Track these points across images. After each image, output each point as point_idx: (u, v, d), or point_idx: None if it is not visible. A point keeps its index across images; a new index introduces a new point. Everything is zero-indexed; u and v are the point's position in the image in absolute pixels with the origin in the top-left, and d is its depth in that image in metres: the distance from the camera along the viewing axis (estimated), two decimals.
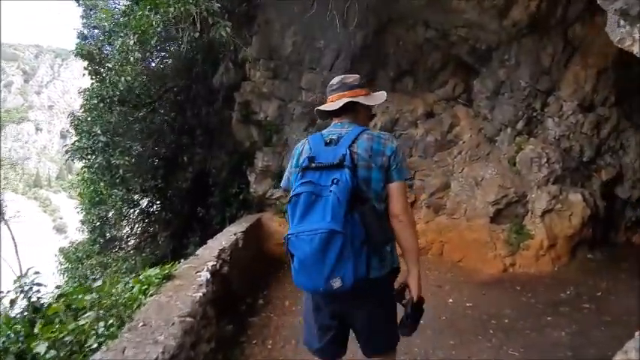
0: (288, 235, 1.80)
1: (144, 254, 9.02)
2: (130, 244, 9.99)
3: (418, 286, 1.96)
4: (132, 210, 9.64)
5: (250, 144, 7.71)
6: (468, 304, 4.74)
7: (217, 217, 8.12)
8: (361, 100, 2.08)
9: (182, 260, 4.11)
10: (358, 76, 2.18)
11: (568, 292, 4.88)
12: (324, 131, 2.08)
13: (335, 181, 1.77)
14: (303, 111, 7.16)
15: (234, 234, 5.18)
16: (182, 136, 8.88)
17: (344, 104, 2.05)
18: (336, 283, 1.71)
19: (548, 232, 6.04)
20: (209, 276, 3.35)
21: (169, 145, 8.81)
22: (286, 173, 2.12)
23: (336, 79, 2.16)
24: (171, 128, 8.81)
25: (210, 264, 3.67)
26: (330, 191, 1.75)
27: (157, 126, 8.67)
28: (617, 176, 6.76)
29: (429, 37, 6.95)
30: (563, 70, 6.58)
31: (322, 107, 2.14)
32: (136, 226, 9.90)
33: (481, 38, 6.69)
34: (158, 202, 9.64)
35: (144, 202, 9.63)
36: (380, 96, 2.19)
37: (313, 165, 1.86)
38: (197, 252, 4.31)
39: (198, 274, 3.35)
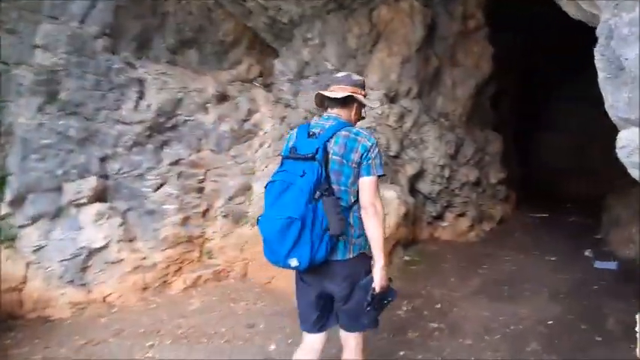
0: (260, 216, 2.06)
1: None
2: None
3: (381, 276, 2.05)
4: None
5: None
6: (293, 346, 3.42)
7: None
8: (359, 98, 2.25)
9: None
10: (363, 78, 2.40)
11: (406, 309, 4.04)
12: (311, 122, 2.31)
13: (303, 172, 1.95)
14: (37, 80, 4.75)
15: None
16: None
17: (345, 97, 2.19)
18: (293, 262, 1.96)
19: None
20: None
21: None
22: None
23: (342, 73, 2.36)
24: None
25: None
26: (298, 182, 1.94)
27: None
28: (420, 171, 6.50)
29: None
30: (369, 55, 5.95)
31: (325, 93, 2.25)
32: None
33: (283, 8, 5.54)
34: None
35: None
36: (373, 102, 2.62)
37: (293, 155, 2.06)
38: None
39: None
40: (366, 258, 2.15)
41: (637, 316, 2.32)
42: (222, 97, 5.53)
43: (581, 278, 4.54)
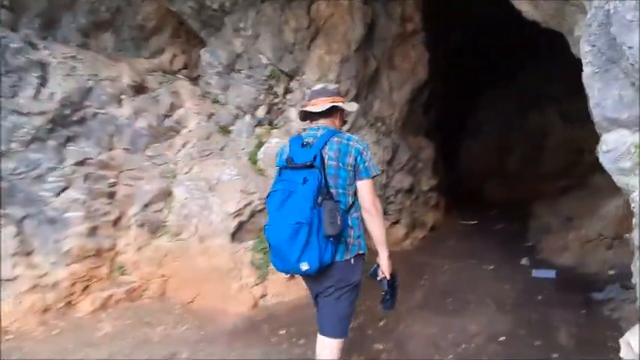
0: (266, 224, 2.17)
1: None
2: None
3: (387, 265, 2.24)
4: None
5: None
6: None
7: None
8: (341, 105, 2.38)
9: None
10: (338, 85, 2.78)
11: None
12: (302, 134, 2.35)
13: (304, 179, 2.06)
14: None
15: None
16: None
17: (326, 110, 2.31)
18: (304, 267, 2.04)
19: None
20: None
21: None
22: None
23: (318, 86, 2.48)
24: None
25: None
26: (301, 189, 2.05)
27: None
28: None
29: None
30: (307, 51, 5.54)
31: (308, 108, 2.37)
32: None
33: None
34: None
35: None
36: (352, 105, 2.53)
37: (290, 165, 2.17)
38: None
39: None
40: (361, 258, 2.27)
41: (620, 341, 2.11)
42: (139, 89, 4.82)
43: (523, 288, 4.44)
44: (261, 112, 5.28)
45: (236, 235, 4.62)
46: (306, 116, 2.44)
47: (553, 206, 6.48)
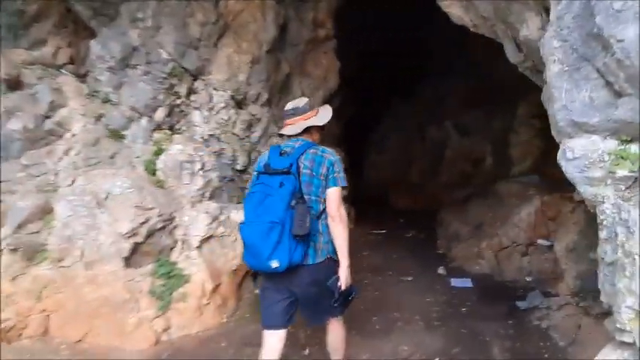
0: (242, 224, 2.29)
1: None
2: None
3: (346, 275, 2.34)
4: None
5: None
6: None
7: None
8: (314, 122, 2.53)
9: None
10: (307, 99, 2.66)
11: None
12: (281, 144, 2.52)
13: (281, 183, 2.23)
14: None
15: None
16: None
17: (299, 133, 2.50)
18: (274, 264, 2.15)
19: (209, 268, 4.20)
20: None
21: None
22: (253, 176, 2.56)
23: (289, 105, 2.59)
24: None
25: None
26: (277, 191, 2.20)
27: None
28: None
29: None
30: (214, 48, 5.00)
31: (284, 132, 2.57)
32: None
33: None
34: None
35: None
36: (327, 112, 2.62)
37: (268, 170, 2.33)
38: None
39: None
40: (332, 261, 2.37)
41: None
42: (14, 84, 3.91)
43: (445, 300, 4.34)
44: (160, 115, 4.61)
45: (131, 259, 3.89)
46: (284, 136, 2.60)
47: (460, 214, 6.63)
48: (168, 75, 4.61)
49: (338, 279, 2.32)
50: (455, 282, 4.80)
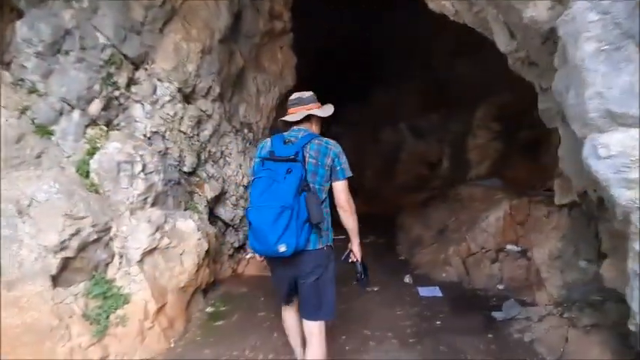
0: (249, 206, 2.31)
1: None
2: None
3: (359, 250, 2.63)
4: None
5: None
6: None
7: None
8: (316, 112, 2.59)
9: None
10: (312, 92, 2.67)
11: None
12: (284, 133, 2.55)
13: (289, 170, 2.29)
14: None
15: None
16: None
17: (303, 118, 2.55)
18: (282, 248, 2.20)
19: (153, 286, 3.65)
20: None
21: None
22: (252, 164, 2.66)
23: (294, 95, 2.66)
24: None
25: None
26: (285, 178, 2.25)
27: None
28: (221, 193, 5.22)
29: None
30: (159, 35, 4.43)
31: (285, 118, 2.61)
32: None
33: None
34: None
35: None
36: (329, 108, 2.66)
37: (273, 157, 2.38)
38: None
39: None
40: (331, 249, 2.54)
41: None
42: None
43: (417, 313, 4.03)
44: (95, 108, 3.98)
45: (60, 277, 3.27)
46: (285, 125, 2.64)
47: (420, 218, 6.43)
48: (105, 62, 3.99)
49: (351, 252, 2.60)
50: (423, 291, 4.52)
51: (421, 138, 9.69)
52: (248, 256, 5.57)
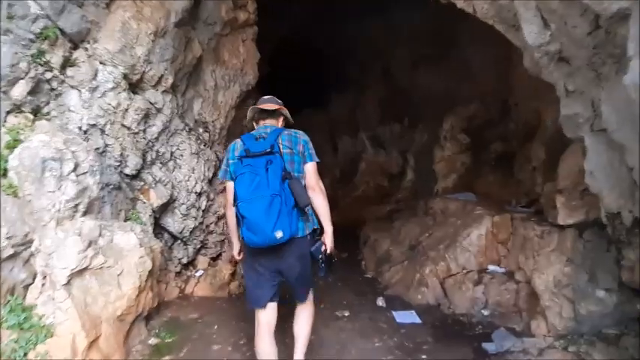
0: (239, 202, 2.36)
1: None
2: None
3: (331, 238, 2.61)
4: None
5: None
6: None
7: None
8: (285, 112, 2.81)
9: None
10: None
11: None
12: (253, 132, 2.71)
13: (269, 161, 2.40)
14: None
15: None
16: None
17: (276, 109, 2.74)
18: (279, 234, 2.29)
19: (83, 315, 2.92)
20: None
21: None
22: (223, 167, 2.70)
23: (267, 96, 2.86)
24: None
25: None
26: (267, 170, 2.36)
27: None
28: (169, 200, 4.51)
29: None
30: (105, 11, 3.72)
31: (261, 106, 2.76)
32: None
33: None
34: None
35: None
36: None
37: (250, 154, 2.48)
38: None
39: None
40: (315, 233, 2.63)
41: None
42: None
43: (397, 344, 3.52)
44: (20, 91, 3.21)
45: None
46: (253, 116, 2.81)
47: (387, 232, 6.03)
48: (36, 36, 3.23)
49: (322, 244, 2.58)
50: (399, 317, 4.06)
51: (381, 148, 9.37)
52: (198, 274, 4.88)
